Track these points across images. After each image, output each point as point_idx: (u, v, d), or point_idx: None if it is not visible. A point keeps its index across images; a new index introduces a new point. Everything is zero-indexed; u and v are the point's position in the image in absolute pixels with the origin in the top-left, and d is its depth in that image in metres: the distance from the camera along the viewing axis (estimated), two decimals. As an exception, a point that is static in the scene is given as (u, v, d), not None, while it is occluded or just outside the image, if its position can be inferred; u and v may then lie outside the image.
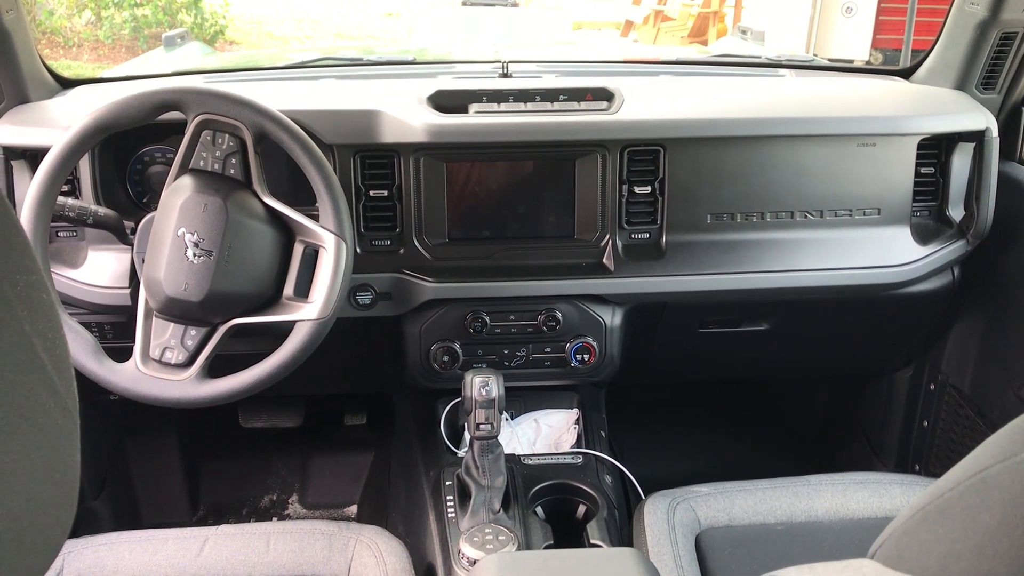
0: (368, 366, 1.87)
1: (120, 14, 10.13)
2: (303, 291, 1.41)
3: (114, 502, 2.05)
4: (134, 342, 1.38)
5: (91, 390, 1.56)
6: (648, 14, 11.73)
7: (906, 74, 1.91)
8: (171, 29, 9.84)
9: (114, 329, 1.63)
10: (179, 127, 1.40)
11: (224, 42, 10.96)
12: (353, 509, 2.27)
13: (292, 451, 2.37)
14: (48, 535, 0.53)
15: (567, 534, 1.51)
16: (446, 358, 1.65)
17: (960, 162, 1.71)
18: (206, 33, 10.56)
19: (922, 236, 1.71)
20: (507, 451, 1.62)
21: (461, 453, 1.65)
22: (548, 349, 1.69)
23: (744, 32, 3.56)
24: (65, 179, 1.38)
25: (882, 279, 1.68)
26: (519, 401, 1.84)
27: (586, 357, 1.68)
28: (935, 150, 1.71)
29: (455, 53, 2.70)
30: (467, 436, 1.55)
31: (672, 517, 1.48)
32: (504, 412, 1.77)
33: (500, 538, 1.37)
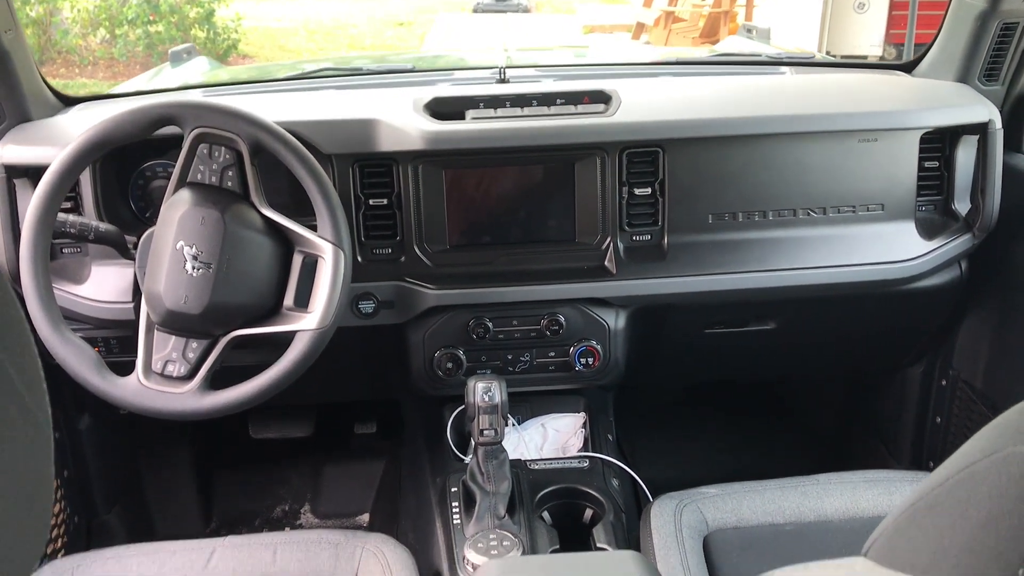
0: (374, 374, 1.87)
1: (134, 31, 10.23)
2: (303, 301, 1.41)
3: (127, 516, 2.06)
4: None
5: (102, 406, 1.57)
6: (659, 16, 11.72)
7: (908, 68, 1.89)
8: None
9: (120, 343, 1.64)
10: (180, 141, 1.41)
11: (237, 56, 11.04)
12: (365, 518, 2.27)
13: (303, 461, 2.38)
14: (23, 547, 0.53)
15: (574, 539, 1.51)
16: (450, 365, 1.65)
17: (965, 155, 1.69)
18: (219, 47, 10.64)
19: (927, 231, 1.69)
20: (514, 456, 1.62)
21: (468, 459, 1.65)
22: (552, 353, 1.68)
23: (749, 31, 3.54)
24: (65, 196, 1.39)
25: (888, 275, 1.67)
26: (526, 406, 1.83)
27: (590, 361, 1.67)
28: (939, 144, 1.69)
29: (467, 58, 2.69)
30: (473, 442, 1.55)
31: (679, 519, 1.47)
32: (511, 417, 1.77)
33: (505, 543, 1.37)
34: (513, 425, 1.78)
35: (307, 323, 1.39)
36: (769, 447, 2.35)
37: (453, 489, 1.55)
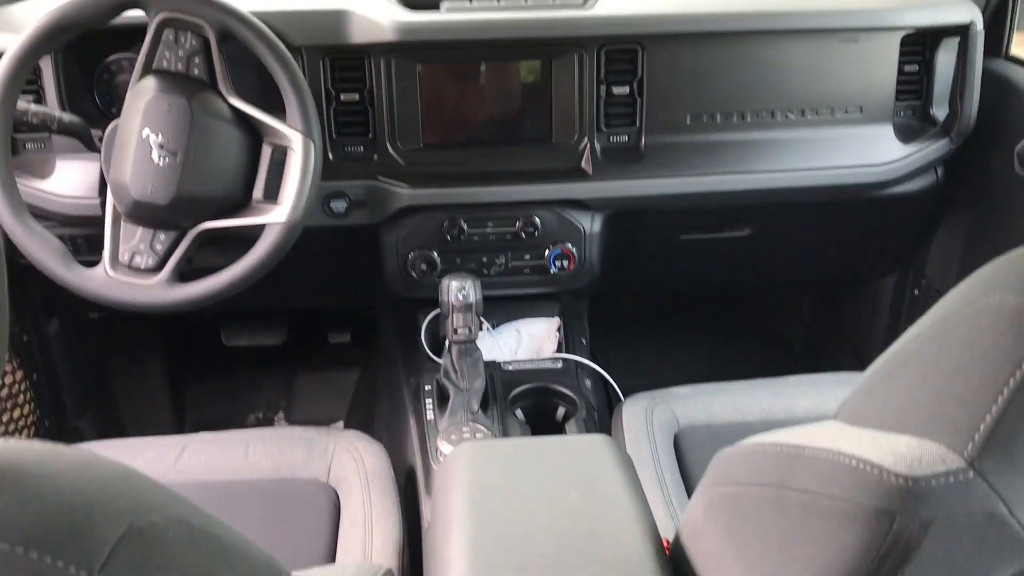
0: (347, 277, 1.85)
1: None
2: (272, 194, 1.38)
3: (98, 422, 2.05)
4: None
5: (71, 309, 1.54)
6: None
7: (891, -29, 1.86)
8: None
9: (87, 242, 1.61)
10: (145, 33, 1.36)
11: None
12: (340, 425, 2.27)
13: (277, 369, 2.37)
14: None
15: (546, 435, 1.52)
16: (424, 266, 1.64)
17: (945, 59, 1.67)
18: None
19: (905, 135, 1.68)
20: (488, 358, 1.62)
21: (442, 360, 1.64)
22: (527, 256, 1.67)
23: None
24: (24, 81, 1.34)
25: (864, 178, 1.66)
26: (501, 311, 1.82)
27: (565, 264, 1.66)
28: (919, 47, 1.67)
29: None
30: (447, 341, 1.55)
31: (650, 416, 1.48)
32: (485, 322, 1.76)
33: (477, 436, 1.38)
34: (488, 330, 1.78)
35: (276, 216, 1.36)
36: (742, 356, 2.37)
37: (427, 387, 1.56)
